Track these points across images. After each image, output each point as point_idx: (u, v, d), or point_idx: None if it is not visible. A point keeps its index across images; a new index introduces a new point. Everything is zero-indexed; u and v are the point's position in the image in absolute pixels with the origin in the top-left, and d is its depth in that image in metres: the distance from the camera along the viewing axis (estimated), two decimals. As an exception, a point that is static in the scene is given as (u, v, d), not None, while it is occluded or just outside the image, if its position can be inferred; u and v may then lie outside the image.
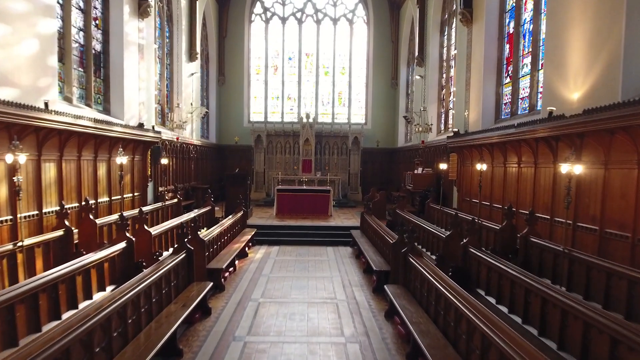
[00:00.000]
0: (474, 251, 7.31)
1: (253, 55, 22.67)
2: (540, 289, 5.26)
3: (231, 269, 9.76)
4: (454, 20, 14.96)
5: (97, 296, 6.58)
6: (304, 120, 20.92)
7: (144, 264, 7.61)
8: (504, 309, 6.14)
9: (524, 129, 8.72)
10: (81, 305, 6.04)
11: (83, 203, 8.52)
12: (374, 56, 22.46)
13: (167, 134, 14.73)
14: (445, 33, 16.15)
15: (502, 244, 8.21)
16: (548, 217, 8.56)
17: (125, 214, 10.16)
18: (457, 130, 12.86)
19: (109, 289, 6.86)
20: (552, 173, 8.56)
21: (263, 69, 22.71)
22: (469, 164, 12.50)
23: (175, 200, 13.00)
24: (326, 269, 10.30)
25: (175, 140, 14.11)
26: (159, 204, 11.97)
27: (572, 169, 6.15)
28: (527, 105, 10.47)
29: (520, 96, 10.84)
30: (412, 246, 7.29)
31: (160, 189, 14.32)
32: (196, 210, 12.27)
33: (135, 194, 12.40)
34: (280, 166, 21.66)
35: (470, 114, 12.74)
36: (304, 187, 16.15)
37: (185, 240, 7.41)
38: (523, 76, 10.73)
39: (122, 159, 9.19)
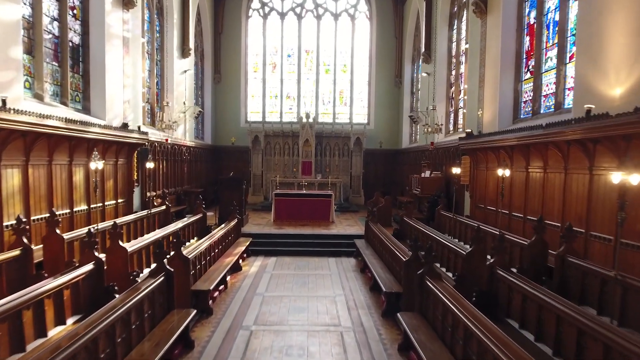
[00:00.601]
0: (503, 274, 6.18)
1: (250, 52, 21.53)
2: (603, 332, 4.12)
3: (221, 287, 8.63)
4: (465, 12, 13.83)
5: (56, 331, 5.46)
6: (304, 120, 19.79)
7: (116, 287, 6.48)
8: (547, 350, 5.01)
9: (555, 129, 7.58)
10: (30, 347, 4.92)
11: (49, 215, 7.38)
12: (377, 53, 21.33)
13: (156, 135, 13.60)
14: (455, 27, 15.02)
15: (532, 263, 7.08)
16: (582, 230, 7.43)
17: (104, 224, 9.05)
18: (470, 131, 11.73)
19: (70, 321, 5.73)
20: (586, 180, 7.43)
21: (261, 67, 21.58)
22: (484, 168, 11.38)
23: (164, 207, 11.86)
24: (328, 286, 9.18)
25: (165, 141, 12.99)
26: (144, 212, 10.84)
27: (629, 178, 5.02)
28: (552, 103, 9.34)
29: (544, 93, 9.71)
30: (430, 267, 6.17)
31: (148, 194, 13.19)
32: (186, 219, 11.14)
33: (120, 200, 11.27)
34: (279, 168, 20.53)
35: (484, 114, 11.62)
36: (304, 192, 15.03)
37: (165, 260, 6.28)
38: (547, 71, 9.60)
39: (97, 164, 8.06)
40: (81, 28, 10.39)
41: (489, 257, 6.94)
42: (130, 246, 7.60)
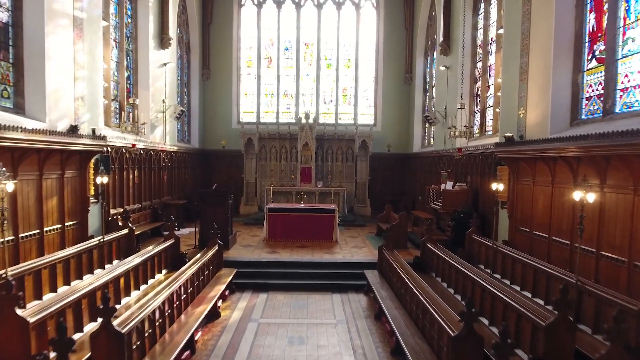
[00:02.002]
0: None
1: (243, 45, 18.99)
2: None
3: (186, 354, 6.12)
4: (497, -9, 11.32)
5: None
6: (303, 121, 17.28)
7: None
8: None
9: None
10: None
11: None
12: (384, 46, 18.79)
13: (125, 140, 11.07)
14: (482, 11, 12.49)
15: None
16: None
17: (31, 264, 6.52)
18: (510, 135, 9.19)
19: None
20: None
21: (255, 61, 19.03)
22: (529, 182, 8.85)
23: (125, 231, 9.32)
24: (334, 344, 6.68)
25: (131, 147, 10.48)
26: (94, 242, 8.26)
27: None
28: (636, 99, 6.82)
29: (620, 87, 7.19)
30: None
31: (113, 211, 10.67)
32: (150, 248, 8.59)
33: (69, 223, 8.75)
34: (275, 175, 18.02)
35: (528, 114, 9.09)
36: (302, 206, 12.51)
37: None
38: (626, 56, 7.08)
39: (7, 183, 5.56)
40: (11, 2, 7.86)
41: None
42: (44, 308, 5.07)
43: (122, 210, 11.02)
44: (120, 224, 9.89)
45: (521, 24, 9.42)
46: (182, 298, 6.91)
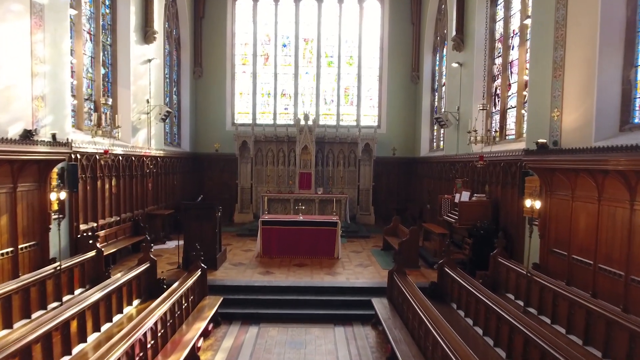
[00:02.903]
0: None
1: (238, 42, 17.58)
2: None
3: None
4: (521, -23, 9.90)
5: None
6: (302, 122, 15.89)
7: None
8: None
9: None
10: None
11: None
12: (389, 42, 17.38)
13: (103, 145, 9.65)
14: (501, 0, 11.07)
15: None
16: None
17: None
18: (543, 141, 7.78)
19: None
20: None
21: (251, 59, 17.61)
22: (567, 196, 7.44)
23: (92, 253, 7.88)
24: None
25: (104, 154, 9.06)
26: (47, 270, 6.81)
27: None
28: None
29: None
30: None
31: (85, 227, 9.27)
32: (119, 276, 7.15)
33: (23, 245, 7.34)
34: (272, 180, 16.62)
35: (565, 116, 7.68)
36: (300, 219, 11.09)
37: None
38: (700, 46, 5.69)
39: None
40: (-53, -20, 6.47)
41: None
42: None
43: (94, 225, 9.62)
44: (91, 241, 8.49)
45: (555, 12, 8.00)
46: (151, 344, 5.51)
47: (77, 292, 7.28)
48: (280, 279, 9.18)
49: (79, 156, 8.90)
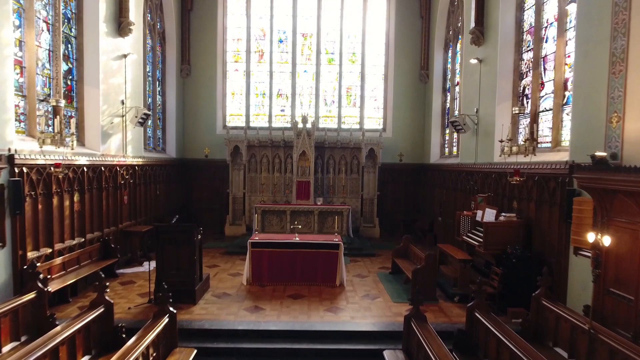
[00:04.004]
0: None
1: (230, 37, 15.90)
2: None
3: None
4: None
5: None
6: (300, 125, 14.23)
7: None
8: None
9: None
10: None
11: None
12: (396, 38, 15.70)
13: (61, 154, 7.98)
14: (531, -15, 9.41)
15: None
16: None
17: None
18: (602, 155, 6.10)
19: None
20: None
21: (244, 56, 15.95)
22: (632, 224, 5.77)
23: (31, 295, 6.17)
24: None
25: (55, 167, 7.35)
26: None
27: None
28: None
29: None
30: None
31: (35, 254, 7.59)
32: (59, 329, 5.47)
33: (-60, 287, 5.68)
34: (267, 189, 14.97)
35: (628, 123, 6.00)
36: (296, 240, 9.40)
37: None
38: None
39: None
40: None
41: None
42: None
43: (48, 251, 7.95)
44: (43, 276, 6.82)
45: (614, -9, 6.33)
46: None
47: (5, 348, 5.61)
48: (271, 317, 7.51)
49: (25, 170, 7.22)
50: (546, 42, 8.87)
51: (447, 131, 14.34)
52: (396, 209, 15.58)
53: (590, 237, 5.35)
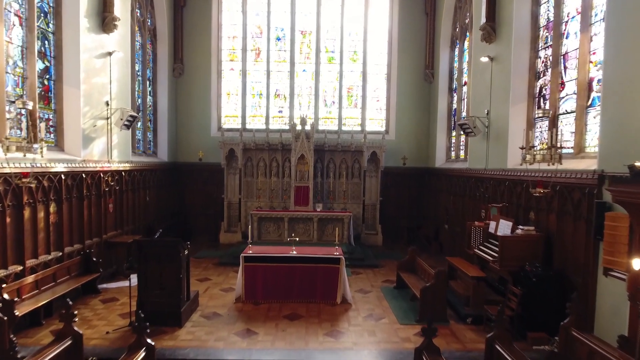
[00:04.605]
0: None
1: (225, 34, 15.10)
2: None
3: None
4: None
5: None
6: (299, 127, 13.45)
7: None
8: None
9: None
10: None
11: None
12: (399, 36, 14.91)
13: (37, 160, 7.19)
14: (549, -24, 8.60)
15: None
16: None
17: None
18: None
19: None
20: None
21: (240, 54, 15.15)
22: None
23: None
24: None
25: (22, 177, 6.53)
26: None
27: None
28: None
29: None
30: None
31: (2, 273, 6.79)
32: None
33: None
34: (264, 195, 14.18)
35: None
36: (294, 254, 8.60)
37: None
38: None
39: None
40: None
41: None
42: None
43: (20, 269, 7.16)
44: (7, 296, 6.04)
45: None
46: None
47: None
48: (265, 344, 6.71)
49: (-13, 180, 6.44)
50: (567, 38, 8.06)
51: (454, 134, 13.55)
52: (400, 215, 14.78)
53: (636, 264, 4.54)
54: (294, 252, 8.64)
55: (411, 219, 14.77)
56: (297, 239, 8.78)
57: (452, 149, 13.66)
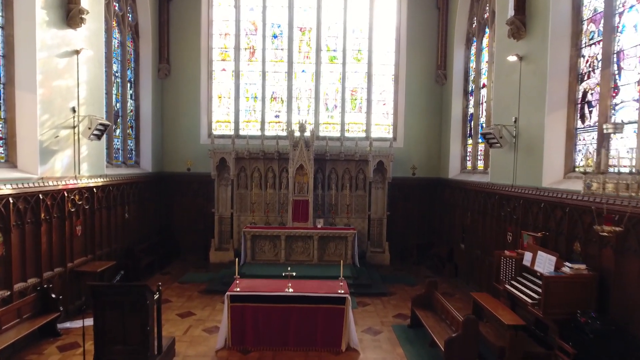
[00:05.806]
0: None
1: (217, 31, 13.61)
2: None
3: None
4: None
5: None
6: (297, 134, 11.97)
7: None
8: None
9: None
10: None
11: None
12: (408, 33, 13.42)
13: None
14: (597, -42, 7.11)
15: None
16: None
17: None
18: None
19: None
20: None
21: (232, 53, 13.66)
22: None
23: None
24: None
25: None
26: None
27: None
28: None
29: None
30: None
31: None
32: None
33: None
34: (259, 208, 12.72)
35: None
36: (290, 292, 7.11)
37: None
38: None
39: None
40: None
41: None
42: None
43: (-55, 320, 5.68)
44: None
45: None
46: None
47: None
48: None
49: None
50: (622, 32, 6.58)
51: (470, 141, 12.07)
52: (409, 231, 13.31)
53: None
54: (290, 290, 7.15)
55: (421, 236, 13.30)
56: (294, 273, 7.29)
57: (468, 158, 12.18)
